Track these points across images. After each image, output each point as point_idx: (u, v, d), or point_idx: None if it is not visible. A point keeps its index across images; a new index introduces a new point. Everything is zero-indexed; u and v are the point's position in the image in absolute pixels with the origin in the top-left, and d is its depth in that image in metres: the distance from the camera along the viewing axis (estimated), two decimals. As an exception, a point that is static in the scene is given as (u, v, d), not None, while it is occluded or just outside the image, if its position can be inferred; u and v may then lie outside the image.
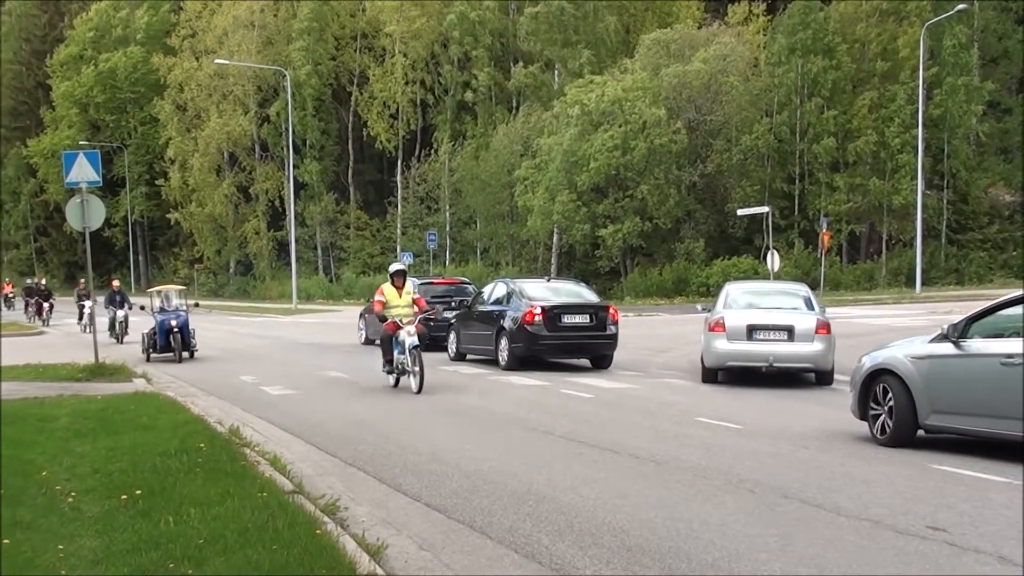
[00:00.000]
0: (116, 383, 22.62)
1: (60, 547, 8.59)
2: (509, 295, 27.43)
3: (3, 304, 71.90)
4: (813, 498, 10.95)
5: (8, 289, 78.34)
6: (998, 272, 60.73)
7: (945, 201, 63.99)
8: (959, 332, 13.60)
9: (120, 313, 40.47)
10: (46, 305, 55.66)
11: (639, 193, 62.67)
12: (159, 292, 34.11)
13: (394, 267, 23.07)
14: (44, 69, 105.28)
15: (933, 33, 60.15)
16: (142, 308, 34.44)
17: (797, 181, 66.45)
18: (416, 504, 11.23)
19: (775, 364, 22.24)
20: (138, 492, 10.58)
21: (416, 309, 22.62)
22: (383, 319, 22.14)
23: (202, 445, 13.35)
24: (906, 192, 60.37)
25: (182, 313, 31.63)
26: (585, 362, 27.25)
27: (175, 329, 30.71)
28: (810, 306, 23.44)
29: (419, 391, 20.83)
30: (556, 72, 75.65)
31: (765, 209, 53.10)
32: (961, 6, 55.95)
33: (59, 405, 18.20)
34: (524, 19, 74.28)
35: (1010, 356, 12.72)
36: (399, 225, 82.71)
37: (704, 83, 65.55)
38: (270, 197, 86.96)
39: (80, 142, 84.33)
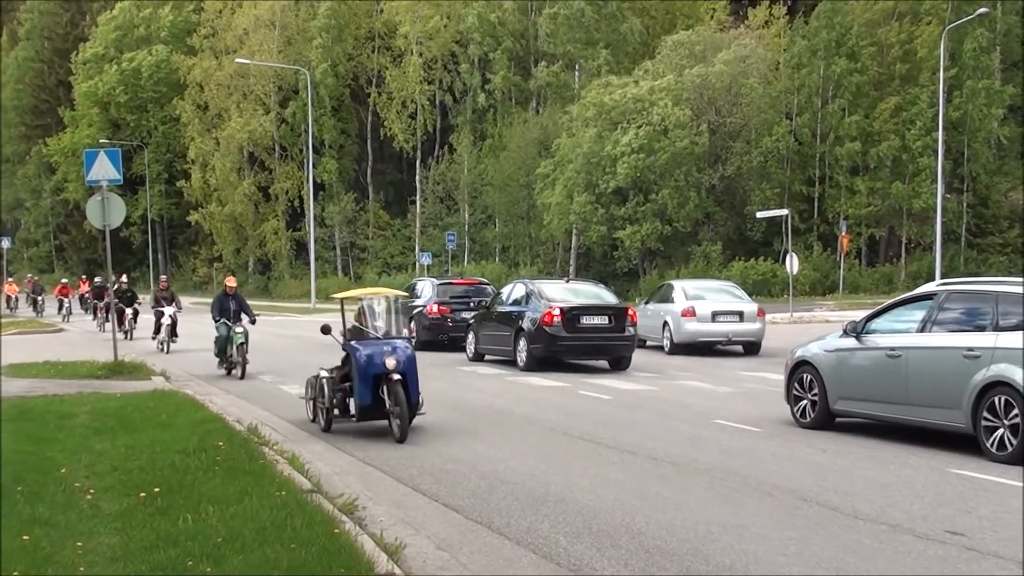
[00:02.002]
0: (135, 381, 22.64)
1: (79, 544, 8.61)
2: (528, 296, 27.43)
3: (76, 304, 62.01)
4: (831, 501, 10.94)
5: (84, 288, 65.16)
6: (1018, 276, 60.41)
7: (965, 205, 63.88)
8: (859, 328, 15.81)
9: (239, 330, 25.84)
10: (128, 312, 40.85)
11: (660, 197, 62.68)
12: (359, 301, 17.98)
13: None
14: (68, 66, 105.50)
15: (953, 36, 59.98)
16: (326, 331, 16.97)
17: (817, 184, 66.32)
18: (434, 504, 11.25)
19: (732, 339, 30.78)
20: (156, 490, 10.61)
21: None
22: None
23: (220, 443, 13.39)
24: (926, 196, 60.17)
25: (399, 344, 16.34)
26: (603, 363, 27.20)
27: (393, 376, 15.67)
28: (745, 298, 32.71)
29: None
30: (576, 72, 75.69)
31: (784, 212, 53.04)
32: (982, 10, 55.72)
33: (78, 403, 18.24)
34: (543, 20, 74.37)
35: (893, 349, 14.89)
36: (418, 225, 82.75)
37: (725, 85, 65.57)
38: (290, 197, 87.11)
39: (100, 140, 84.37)
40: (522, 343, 26.46)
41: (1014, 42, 66.34)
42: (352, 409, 16.30)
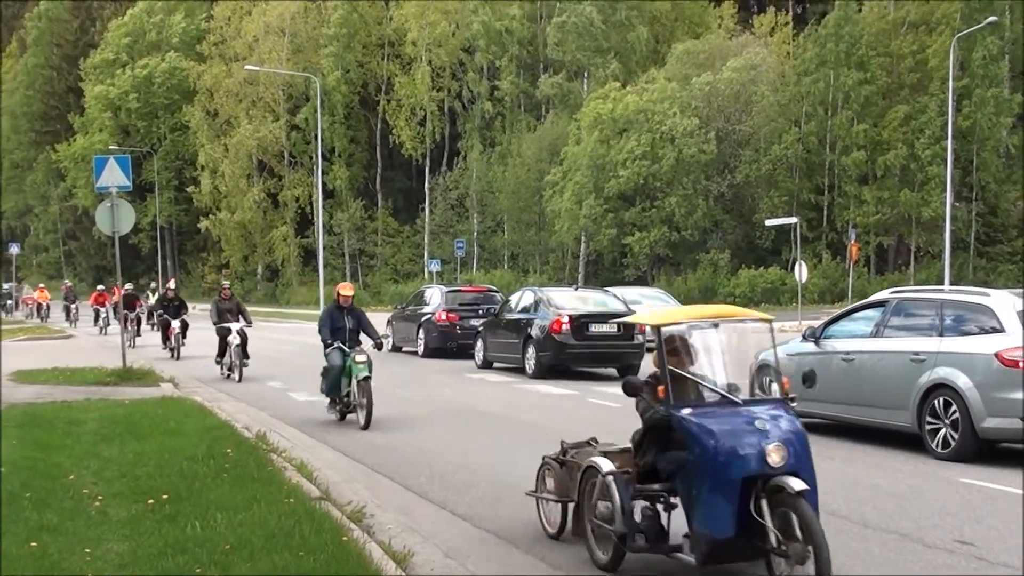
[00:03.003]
0: (144, 387, 22.58)
1: (87, 551, 8.63)
2: (537, 303, 27.42)
3: (111, 314, 50.13)
4: (839, 510, 10.91)
5: (118, 295, 47.27)
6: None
7: (974, 213, 63.72)
8: (818, 333, 16.73)
9: (361, 359, 18.00)
10: (175, 325, 33.44)
11: (667, 204, 62.82)
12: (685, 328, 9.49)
13: None
14: (77, 72, 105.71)
15: (963, 45, 59.87)
16: (633, 391, 9.37)
17: (826, 192, 66.30)
18: (442, 512, 11.27)
19: None
20: (165, 496, 10.63)
21: None
22: None
23: (229, 450, 13.38)
24: (935, 204, 60.09)
25: (769, 414, 8.77)
26: (612, 371, 27.19)
27: (789, 484, 8.28)
28: (674, 302, 35.57)
29: None
30: (585, 80, 75.73)
31: (793, 220, 53.01)
32: (992, 18, 55.65)
33: (86, 409, 18.23)
34: (551, 28, 74.41)
35: (848, 353, 15.89)
36: (427, 232, 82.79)
37: (734, 93, 65.59)
38: (300, 204, 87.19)
39: (110, 146, 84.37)
40: (531, 350, 26.45)
41: (1022, 51, 66.27)
42: (685, 539, 8.68)
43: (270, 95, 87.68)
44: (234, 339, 26.76)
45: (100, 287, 54.26)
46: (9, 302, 70.79)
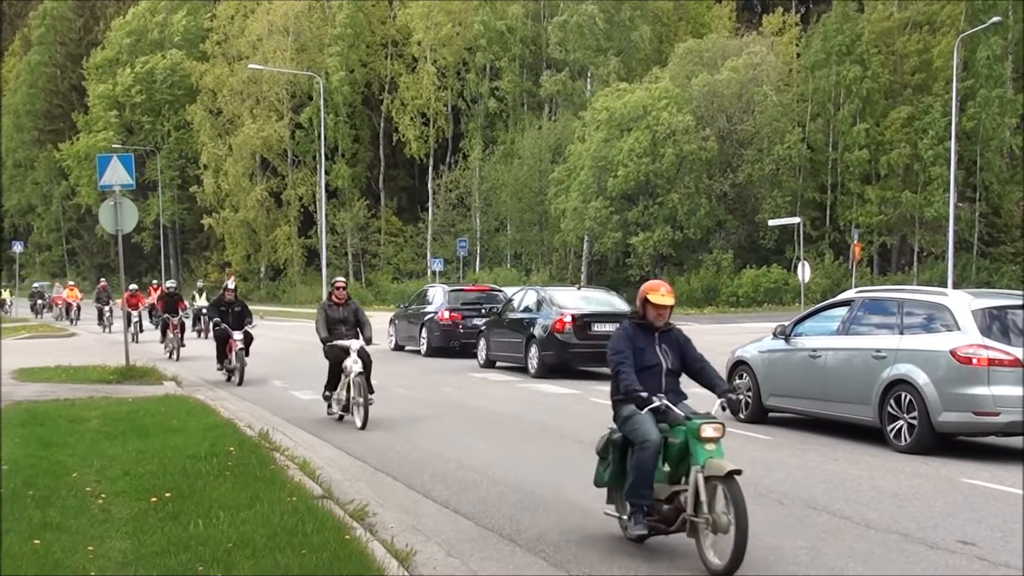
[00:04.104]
0: (146, 385, 22.59)
1: (90, 548, 8.63)
2: (539, 303, 27.39)
3: (143, 318, 44.49)
4: (841, 510, 10.93)
5: (154, 294, 48.40)
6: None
7: (977, 214, 63.71)
8: (788, 331, 17.36)
9: (709, 436, 8.75)
10: (236, 338, 25.20)
11: (669, 201, 62.83)
12: None
13: None
14: (80, 71, 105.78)
15: (967, 45, 59.84)
16: None
17: (829, 191, 66.33)
18: (445, 511, 11.25)
19: None
20: (168, 495, 10.63)
21: None
22: None
23: (232, 449, 13.38)
24: (938, 204, 60.06)
25: None
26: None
27: None
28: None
29: None
30: (588, 79, 75.74)
31: (796, 220, 53.03)
32: (995, 18, 55.63)
33: (89, 407, 18.23)
34: (552, 27, 74.41)
35: (815, 350, 16.56)
36: (430, 231, 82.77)
37: (735, 92, 65.59)
38: (304, 203, 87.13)
39: (114, 145, 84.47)
40: (533, 350, 26.42)
41: (1025, 50, 66.29)
42: None
43: (274, 94, 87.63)
44: (354, 365, 17.66)
45: (133, 286, 45.11)
46: (40, 302, 70.00)
